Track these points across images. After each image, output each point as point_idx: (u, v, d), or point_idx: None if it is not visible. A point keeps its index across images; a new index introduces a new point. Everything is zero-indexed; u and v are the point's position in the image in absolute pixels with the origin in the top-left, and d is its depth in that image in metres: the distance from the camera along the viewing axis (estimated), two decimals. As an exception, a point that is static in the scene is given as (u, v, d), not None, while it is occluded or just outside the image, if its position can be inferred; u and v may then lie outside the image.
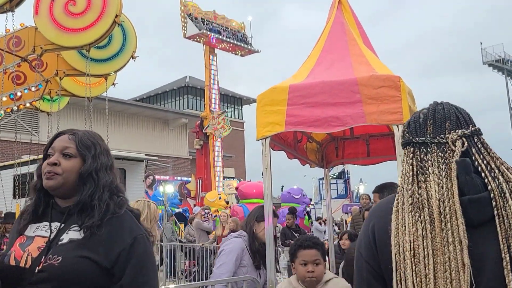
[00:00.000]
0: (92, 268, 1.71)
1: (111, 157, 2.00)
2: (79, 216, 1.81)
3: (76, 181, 1.85)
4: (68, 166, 1.85)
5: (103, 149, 1.96)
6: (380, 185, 4.21)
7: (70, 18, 7.63)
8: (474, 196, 1.36)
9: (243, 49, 28.07)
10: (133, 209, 2.00)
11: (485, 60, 51.84)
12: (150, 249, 1.86)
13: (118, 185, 1.99)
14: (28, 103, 9.40)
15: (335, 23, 4.71)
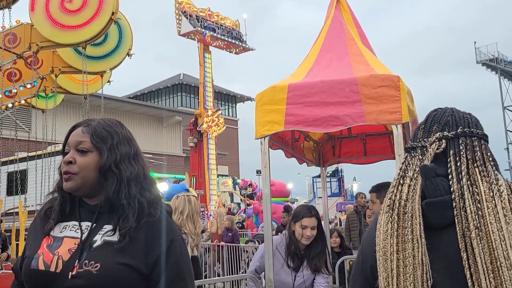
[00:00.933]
0: (132, 276, 1.59)
1: (134, 145, 1.80)
2: (110, 215, 1.67)
3: (98, 178, 1.68)
4: (84, 163, 1.68)
5: (122, 138, 1.76)
6: (377, 184, 4.22)
7: (66, 15, 7.60)
8: (433, 200, 1.40)
9: (237, 46, 28.00)
10: (165, 205, 1.82)
11: (479, 59, 52.07)
12: (186, 252, 1.76)
13: (148, 177, 1.78)
14: (23, 100, 9.36)
15: (333, 22, 4.72)
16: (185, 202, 4.09)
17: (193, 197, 4.19)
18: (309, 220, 3.72)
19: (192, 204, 4.07)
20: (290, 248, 3.81)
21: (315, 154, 5.98)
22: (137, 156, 1.77)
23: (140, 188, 1.70)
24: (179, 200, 4.09)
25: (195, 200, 4.14)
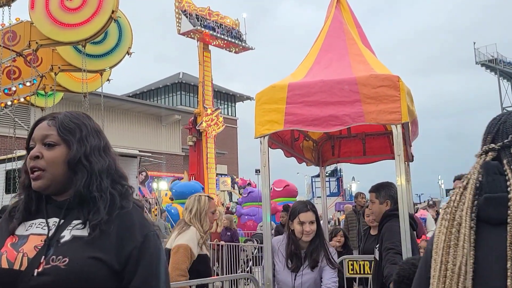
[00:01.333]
0: (103, 270, 1.50)
1: (103, 137, 1.71)
2: (80, 210, 1.58)
3: (67, 172, 1.59)
4: (51, 157, 1.59)
5: (91, 130, 1.67)
6: (376, 184, 4.23)
7: (66, 13, 7.60)
8: (492, 195, 1.39)
9: (237, 46, 27.95)
10: (136, 200, 1.75)
11: (478, 60, 52.11)
12: (161, 248, 1.66)
13: (119, 170, 1.71)
14: (23, 98, 9.35)
15: (333, 22, 4.72)
16: (195, 201, 4.14)
17: (205, 197, 4.21)
18: (306, 215, 3.70)
19: (202, 203, 4.10)
20: (289, 248, 3.74)
21: (314, 153, 5.98)
22: (106, 149, 1.70)
23: (112, 181, 1.64)
24: (190, 199, 4.16)
25: (206, 200, 4.16)
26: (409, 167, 5.51)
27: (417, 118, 4.66)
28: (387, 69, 4.14)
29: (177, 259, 3.84)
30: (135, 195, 6.01)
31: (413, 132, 4.62)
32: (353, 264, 5.61)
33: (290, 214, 3.83)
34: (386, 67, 4.19)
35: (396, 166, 3.71)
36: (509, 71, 51.63)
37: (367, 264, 5.46)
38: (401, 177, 3.66)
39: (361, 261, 5.59)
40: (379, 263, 3.89)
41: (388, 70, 4.06)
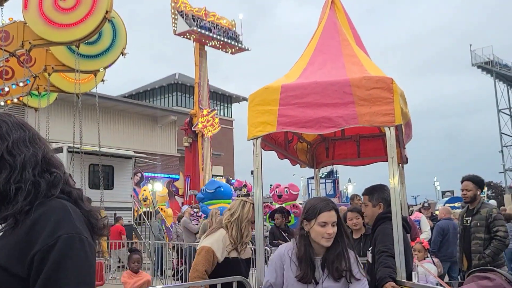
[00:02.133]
0: (2, 279, 1.31)
1: (29, 129, 1.60)
2: (3, 207, 1.46)
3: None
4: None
5: (12, 125, 1.57)
6: (370, 187, 4.20)
7: (59, 13, 7.55)
8: None
9: (233, 46, 27.93)
10: (74, 189, 1.58)
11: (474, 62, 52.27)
12: (77, 256, 1.39)
13: (48, 157, 1.58)
14: (16, 98, 9.30)
15: (327, 23, 4.69)
16: (239, 205, 4.05)
17: (250, 204, 4.09)
18: (329, 215, 3.05)
19: (245, 210, 4.01)
20: (305, 255, 3.08)
21: (308, 155, 5.95)
22: (33, 139, 1.58)
23: (40, 170, 1.52)
24: (235, 202, 4.12)
25: (250, 208, 4.05)
26: (403, 169, 5.49)
27: (411, 121, 4.64)
28: (381, 70, 4.11)
29: (197, 260, 3.84)
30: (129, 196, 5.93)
31: (407, 135, 4.60)
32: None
33: (306, 213, 3.16)
34: (380, 69, 4.16)
35: (389, 169, 3.67)
36: (505, 73, 51.82)
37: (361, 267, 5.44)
38: (394, 179, 3.63)
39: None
40: (372, 266, 3.86)
41: (381, 72, 4.03)
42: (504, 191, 47.56)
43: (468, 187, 6.10)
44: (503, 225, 5.90)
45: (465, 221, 6.17)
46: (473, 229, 5.99)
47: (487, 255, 5.78)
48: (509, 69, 51.94)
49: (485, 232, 5.90)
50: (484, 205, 6.12)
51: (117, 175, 16.08)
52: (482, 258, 5.78)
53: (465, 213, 6.30)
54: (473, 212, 6.07)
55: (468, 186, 6.10)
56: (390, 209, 3.68)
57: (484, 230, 5.90)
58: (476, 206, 6.07)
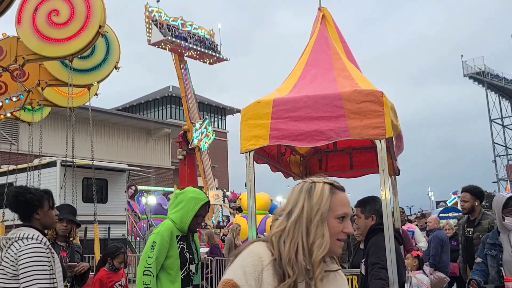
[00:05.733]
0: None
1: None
2: None
3: None
4: None
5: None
6: (362, 199, 4.24)
7: (53, 28, 7.60)
8: None
9: (211, 56, 27.32)
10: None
11: (466, 73, 52.70)
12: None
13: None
14: (9, 113, 9.30)
15: (318, 37, 4.75)
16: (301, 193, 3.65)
17: (323, 184, 3.80)
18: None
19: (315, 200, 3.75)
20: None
21: (301, 168, 5.98)
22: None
23: None
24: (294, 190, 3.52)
25: (326, 192, 3.91)
26: (395, 181, 5.53)
27: (402, 132, 4.69)
28: (372, 84, 4.16)
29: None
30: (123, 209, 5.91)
31: (398, 147, 4.64)
32: (341, 278, 5.59)
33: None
34: (370, 82, 4.21)
35: (380, 180, 3.71)
36: (497, 84, 52.24)
37: (355, 279, 5.43)
38: (386, 191, 3.67)
39: (349, 275, 5.57)
40: (365, 278, 3.88)
41: (372, 85, 4.09)
42: (497, 201, 47.69)
43: (465, 198, 6.13)
44: None
45: (466, 231, 6.17)
46: (476, 240, 5.98)
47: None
48: (501, 79, 52.39)
49: None
50: (485, 216, 6.12)
51: (111, 188, 16.04)
52: None
53: (465, 223, 6.31)
54: (475, 223, 6.08)
55: (465, 197, 6.13)
56: (382, 220, 3.71)
57: None
58: (477, 217, 6.08)
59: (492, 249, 4.62)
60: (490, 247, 4.66)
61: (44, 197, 3.55)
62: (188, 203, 4.11)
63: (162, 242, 3.97)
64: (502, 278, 4.34)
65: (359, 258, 4.92)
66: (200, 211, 4.13)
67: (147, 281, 3.85)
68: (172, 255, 4.00)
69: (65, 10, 7.58)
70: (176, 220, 4.09)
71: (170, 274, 4.04)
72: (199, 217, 4.16)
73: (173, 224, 4.09)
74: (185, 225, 4.05)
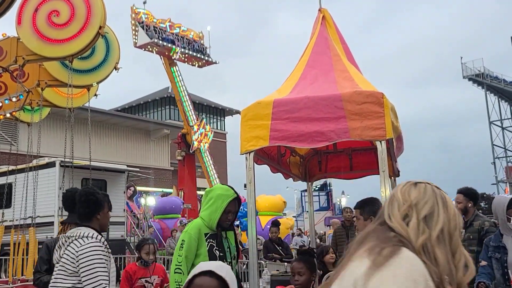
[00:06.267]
0: None
1: None
2: None
3: None
4: None
5: None
6: (361, 200, 4.24)
7: (53, 29, 7.59)
8: None
9: (199, 60, 26.38)
10: None
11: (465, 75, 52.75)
12: None
13: None
14: (9, 113, 9.28)
15: (319, 38, 4.76)
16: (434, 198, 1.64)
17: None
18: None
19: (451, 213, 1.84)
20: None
21: (301, 169, 5.99)
22: None
23: None
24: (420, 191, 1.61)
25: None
26: (395, 182, 5.53)
27: (402, 134, 4.69)
28: (372, 85, 4.17)
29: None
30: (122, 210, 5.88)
31: (398, 148, 4.65)
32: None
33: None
34: (370, 83, 4.22)
35: (381, 182, 3.72)
36: (496, 86, 52.29)
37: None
38: (386, 193, 3.67)
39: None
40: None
41: (372, 87, 4.09)
42: (496, 203, 47.71)
43: (458, 200, 6.18)
44: None
45: None
46: (467, 242, 6.02)
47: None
48: (500, 81, 52.45)
49: (477, 245, 5.95)
50: (477, 218, 6.16)
51: (110, 189, 16.01)
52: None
53: None
54: (467, 225, 6.12)
55: (458, 198, 6.18)
56: (382, 222, 3.71)
57: (477, 242, 5.95)
58: (470, 218, 6.13)
59: (496, 252, 4.62)
60: (494, 249, 4.66)
61: (106, 200, 3.73)
62: (216, 200, 4.10)
63: (190, 241, 4.02)
64: (508, 281, 4.34)
65: None
66: (229, 207, 4.11)
67: (178, 279, 3.90)
68: (202, 253, 4.04)
69: (65, 11, 7.57)
70: (205, 218, 4.11)
71: None
72: (229, 214, 4.14)
73: (202, 222, 4.11)
74: (214, 222, 4.04)
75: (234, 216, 4.23)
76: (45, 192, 13.70)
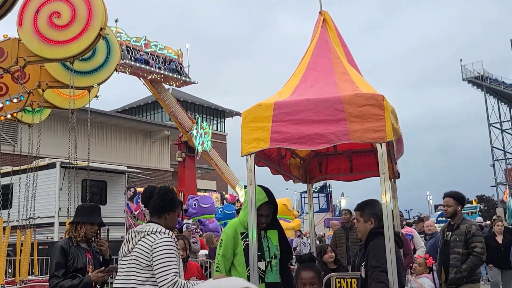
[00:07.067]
0: None
1: None
2: None
3: None
4: None
5: None
6: (361, 202, 4.26)
7: (54, 30, 7.61)
8: None
9: (176, 80, 25.30)
10: None
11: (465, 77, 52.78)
12: None
13: None
14: (10, 114, 9.30)
15: (319, 40, 4.77)
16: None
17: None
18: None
19: None
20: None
21: (301, 171, 6.00)
22: None
23: None
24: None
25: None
26: (395, 184, 5.55)
27: (402, 136, 4.71)
28: (372, 87, 4.18)
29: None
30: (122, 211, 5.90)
31: (398, 150, 4.67)
32: (341, 281, 5.59)
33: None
34: (371, 86, 4.23)
35: (381, 184, 3.73)
36: (495, 88, 52.32)
37: (355, 282, 5.45)
38: (386, 195, 3.69)
39: (349, 278, 5.58)
40: (365, 281, 3.89)
41: (373, 89, 4.11)
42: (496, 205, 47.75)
43: (448, 203, 6.28)
44: (481, 241, 6.07)
45: (446, 235, 6.33)
46: (453, 243, 6.14)
47: (463, 270, 5.93)
48: (499, 84, 52.49)
49: (463, 247, 6.05)
50: (464, 221, 6.30)
51: (110, 190, 16.03)
52: (458, 272, 5.92)
53: (446, 227, 6.47)
54: (454, 227, 6.22)
55: (448, 202, 6.29)
56: (382, 224, 3.72)
57: (463, 245, 6.05)
58: (457, 221, 6.25)
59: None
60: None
61: (180, 204, 3.91)
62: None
63: (227, 240, 4.12)
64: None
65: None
66: (260, 210, 4.16)
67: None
68: (238, 252, 4.14)
69: (66, 12, 7.59)
70: (241, 218, 4.18)
71: (238, 271, 4.20)
72: (262, 217, 4.18)
73: (239, 221, 4.18)
74: (246, 224, 4.10)
75: (268, 219, 4.30)
76: (46, 193, 13.72)
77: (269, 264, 4.27)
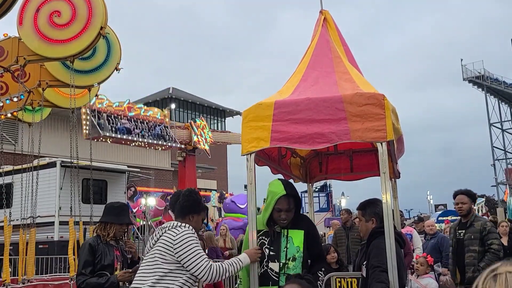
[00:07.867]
0: None
1: None
2: None
3: None
4: None
5: None
6: (363, 201, 4.24)
7: (54, 29, 7.61)
8: None
9: (161, 145, 24.30)
10: None
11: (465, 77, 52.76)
12: None
13: None
14: (10, 113, 9.30)
15: (320, 40, 4.76)
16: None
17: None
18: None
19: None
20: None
21: (302, 170, 5.99)
22: None
23: None
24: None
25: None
26: (396, 184, 5.54)
27: (403, 136, 4.70)
28: (373, 87, 4.17)
29: None
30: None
31: (399, 150, 4.65)
32: (341, 281, 5.58)
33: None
34: (371, 85, 4.22)
35: (381, 184, 3.72)
36: (496, 87, 52.30)
37: (355, 282, 5.44)
38: (386, 195, 3.68)
39: (349, 278, 5.56)
40: (366, 281, 3.88)
41: (373, 88, 4.10)
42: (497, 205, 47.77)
43: (463, 201, 6.20)
44: (496, 238, 5.99)
45: (458, 234, 6.24)
46: (467, 242, 6.05)
47: (481, 268, 5.83)
48: (500, 83, 52.46)
49: (479, 245, 5.97)
50: (477, 218, 6.23)
51: (110, 189, 16.03)
52: (476, 270, 5.83)
53: (457, 226, 6.38)
54: (467, 225, 6.15)
55: (463, 199, 6.21)
56: (383, 223, 3.72)
57: (478, 243, 5.98)
58: (470, 219, 6.16)
59: None
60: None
61: (205, 209, 4.03)
62: (268, 197, 4.06)
63: (246, 236, 4.06)
64: None
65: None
66: (278, 205, 3.97)
67: (240, 275, 4.12)
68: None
69: (66, 11, 7.58)
70: (261, 215, 4.11)
71: (246, 268, 4.03)
72: (281, 212, 3.96)
73: (260, 218, 4.07)
74: (264, 220, 4.03)
75: (289, 215, 3.99)
76: (46, 192, 13.71)
77: (284, 266, 3.93)
